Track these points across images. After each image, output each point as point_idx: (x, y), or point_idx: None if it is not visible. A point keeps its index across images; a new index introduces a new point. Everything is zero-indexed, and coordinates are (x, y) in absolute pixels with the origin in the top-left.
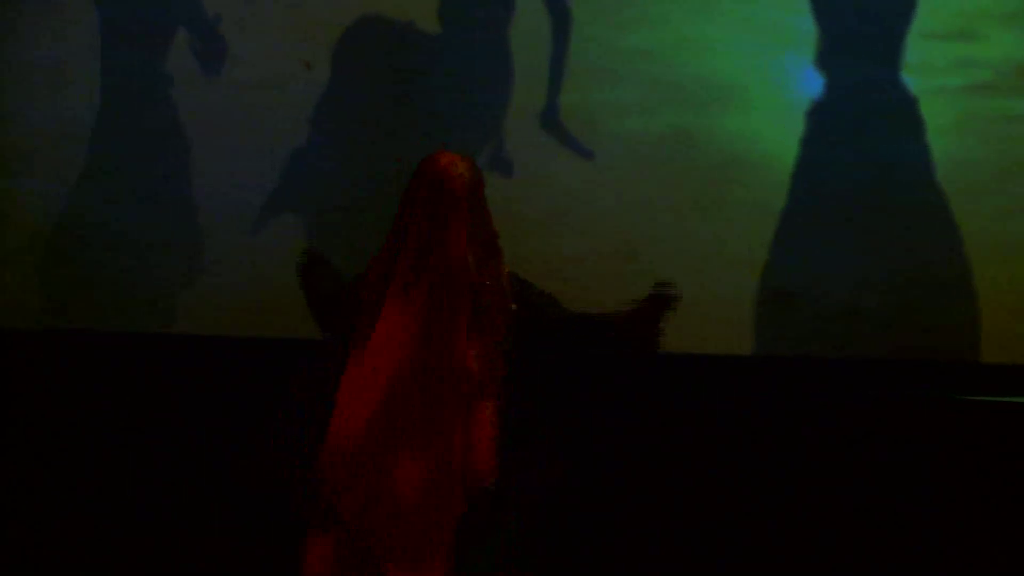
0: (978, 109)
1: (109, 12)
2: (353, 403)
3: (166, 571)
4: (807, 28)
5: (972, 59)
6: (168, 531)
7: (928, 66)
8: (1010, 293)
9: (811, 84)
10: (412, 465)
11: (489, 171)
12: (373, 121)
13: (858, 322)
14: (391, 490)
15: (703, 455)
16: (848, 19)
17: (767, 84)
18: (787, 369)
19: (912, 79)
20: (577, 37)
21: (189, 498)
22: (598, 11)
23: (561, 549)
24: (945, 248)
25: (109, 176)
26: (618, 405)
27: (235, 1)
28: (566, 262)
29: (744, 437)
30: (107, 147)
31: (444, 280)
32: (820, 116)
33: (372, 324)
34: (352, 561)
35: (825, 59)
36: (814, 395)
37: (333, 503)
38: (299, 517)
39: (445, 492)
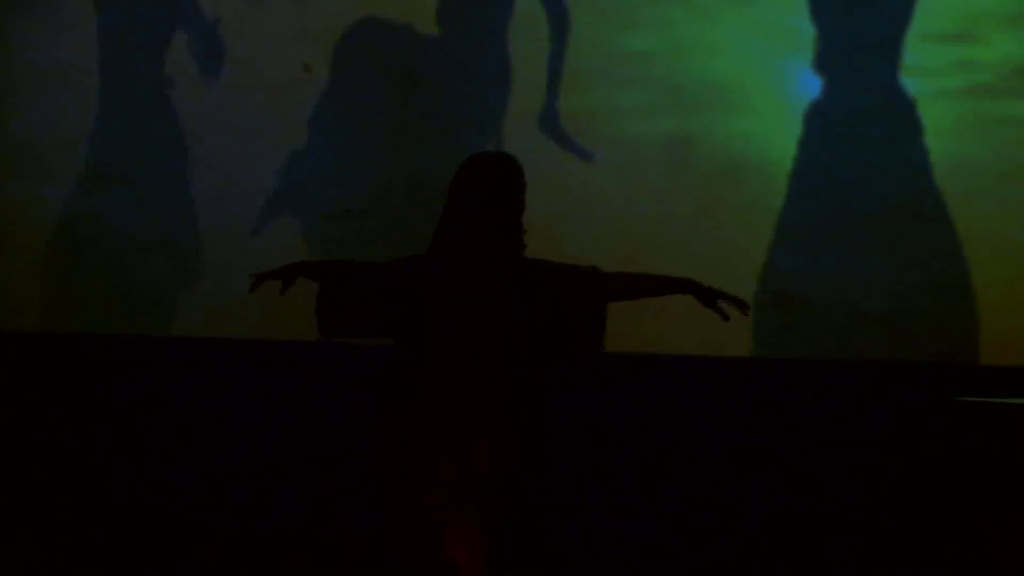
0: (977, 111)
1: (109, 16)
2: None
3: (166, 571)
4: (807, 31)
5: (971, 61)
6: (167, 532)
7: (927, 68)
8: (1009, 295)
9: (811, 87)
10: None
11: None
12: (373, 124)
13: (858, 324)
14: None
15: (704, 456)
16: (847, 21)
17: (767, 87)
18: (788, 371)
19: (911, 81)
20: (578, 40)
21: (186, 498)
22: (599, 14)
23: (560, 549)
24: (945, 250)
25: (109, 179)
26: (620, 405)
27: (235, 4)
28: None
29: (746, 439)
30: (107, 150)
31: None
32: (820, 118)
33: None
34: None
35: (825, 62)
36: (815, 397)
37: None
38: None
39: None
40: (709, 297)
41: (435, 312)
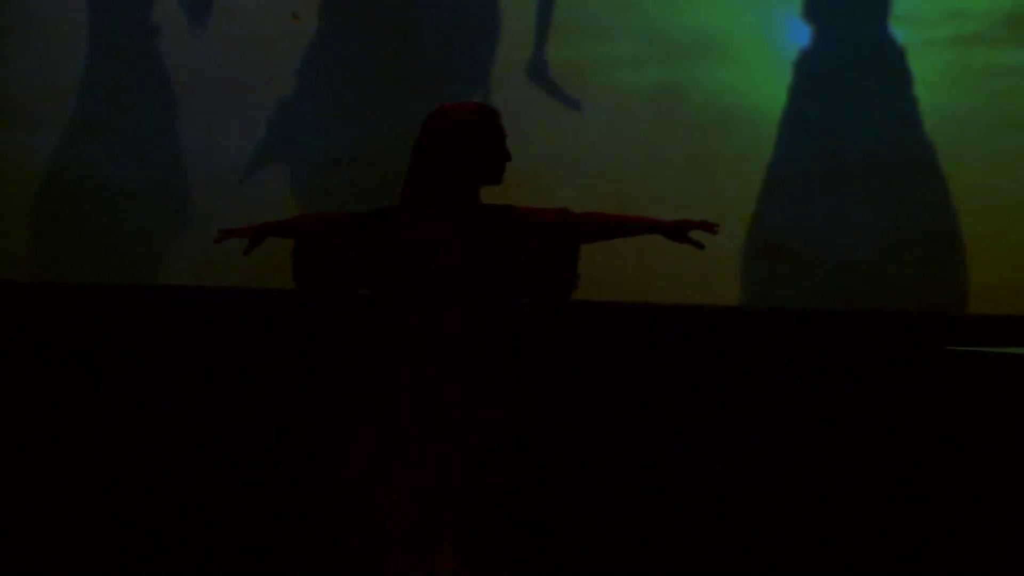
0: (967, 61)
1: None
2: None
3: (153, 519)
4: None
5: (961, 10)
6: (155, 480)
7: (917, 17)
8: (998, 245)
9: (800, 36)
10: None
11: None
12: (361, 74)
13: (847, 273)
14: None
15: (692, 405)
16: None
17: (756, 36)
18: (778, 320)
19: (901, 30)
20: None
21: (173, 446)
22: None
23: (543, 499)
24: (934, 200)
25: (99, 129)
26: (606, 354)
27: None
28: None
29: (734, 388)
30: (99, 100)
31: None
32: (809, 68)
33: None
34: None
35: (814, 11)
36: (803, 346)
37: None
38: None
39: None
40: (678, 232)
41: (410, 261)
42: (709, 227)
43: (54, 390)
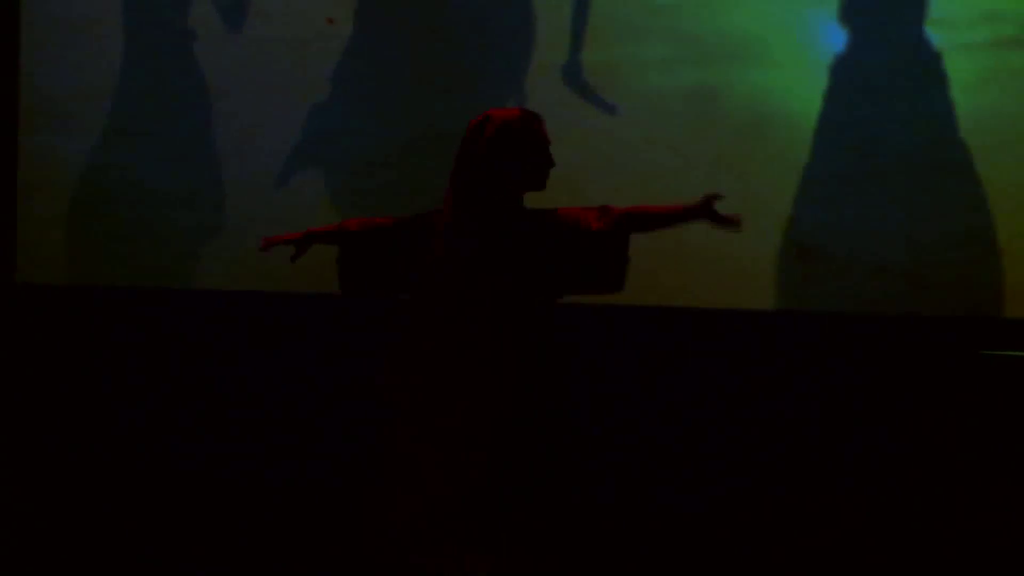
0: (1003, 64)
1: None
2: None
3: (188, 515)
4: None
5: (996, 13)
6: (184, 483)
7: (952, 21)
8: None
9: (835, 39)
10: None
11: None
12: (395, 77)
13: (881, 276)
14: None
15: (726, 409)
16: None
17: (791, 39)
18: (810, 324)
19: (936, 34)
20: None
21: (204, 449)
22: None
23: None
24: (968, 203)
25: (136, 133)
26: (640, 358)
27: None
28: None
29: (767, 392)
30: (134, 104)
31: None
32: (844, 71)
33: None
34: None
35: (849, 14)
36: (837, 350)
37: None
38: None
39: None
40: (707, 209)
41: (452, 265)
42: (732, 220)
43: (88, 393)
